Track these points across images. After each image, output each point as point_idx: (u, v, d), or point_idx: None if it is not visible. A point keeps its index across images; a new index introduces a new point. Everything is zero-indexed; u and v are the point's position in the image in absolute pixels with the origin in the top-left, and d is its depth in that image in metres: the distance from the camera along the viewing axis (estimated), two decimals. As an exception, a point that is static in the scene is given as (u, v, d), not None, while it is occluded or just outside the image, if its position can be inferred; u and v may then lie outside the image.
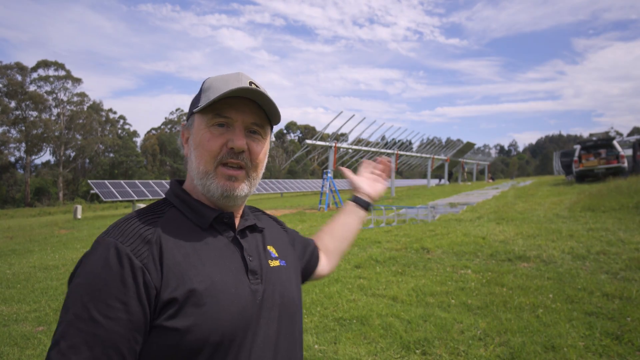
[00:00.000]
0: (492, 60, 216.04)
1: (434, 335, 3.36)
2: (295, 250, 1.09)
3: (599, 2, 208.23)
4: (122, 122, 65.64)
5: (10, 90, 48.42)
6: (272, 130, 0.99)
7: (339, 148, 19.58)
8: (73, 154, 55.38)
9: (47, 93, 51.83)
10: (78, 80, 53.97)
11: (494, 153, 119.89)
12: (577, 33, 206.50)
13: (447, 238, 7.03)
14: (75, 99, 53.96)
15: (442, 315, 3.77)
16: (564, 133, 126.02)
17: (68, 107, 53.41)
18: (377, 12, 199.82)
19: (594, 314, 3.59)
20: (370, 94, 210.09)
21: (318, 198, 16.72)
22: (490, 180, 41.53)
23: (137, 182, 24.70)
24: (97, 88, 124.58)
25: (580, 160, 16.68)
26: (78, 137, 54.19)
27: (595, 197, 10.42)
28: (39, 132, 49.86)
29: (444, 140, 40.50)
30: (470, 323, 3.57)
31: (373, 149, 22.36)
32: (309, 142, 18.52)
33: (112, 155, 59.57)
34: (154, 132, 70.58)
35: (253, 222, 0.97)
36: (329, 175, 16.55)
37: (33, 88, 50.85)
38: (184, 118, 1.00)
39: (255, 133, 0.91)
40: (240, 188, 0.88)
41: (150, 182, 25.50)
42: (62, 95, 53.09)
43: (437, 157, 30.97)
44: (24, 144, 49.97)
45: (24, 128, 49.38)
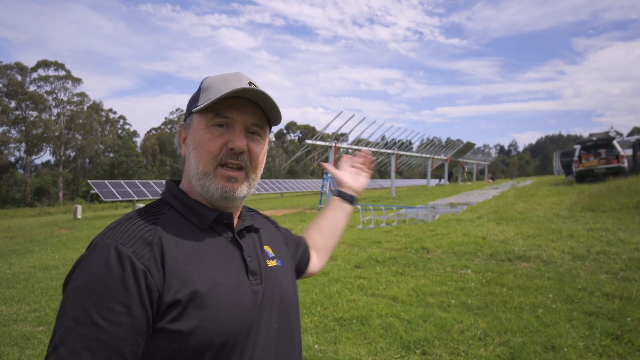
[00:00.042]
0: (492, 60, 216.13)
1: (434, 335, 3.36)
2: (289, 249, 1.10)
3: (599, 2, 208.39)
4: (122, 122, 65.70)
5: (10, 90, 48.39)
6: (270, 131, 0.99)
7: (339, 148, 19.56)
8: (73, 154, 55.36)
9: (47, 93, 51.83)
10: (78, 80, 53.99)
11: (494, 153, 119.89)
12: (577, 33, 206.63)
13: (447, 238, 7.03)
14: (75, 99, 53.95)
15: (442, 315, 3.77)
16: (564, 133, 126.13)
17: (68, 107, 53.40)
18: (377, 12, 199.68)
19: (594, 314, 3.59)
20: (370, 94, 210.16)
21: (318, 198, 16.72)
22: (490, 180, 41.51)
23: (137, 182, 24.72)
24: (97, 88, 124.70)
25: (580, 160, 16.68)
26: (78, 137, 54.17)
27: (595, 197, 10.42)
28: (39, 132, 49.85)
29: (444, 140, 40.51)
30: (470, 323, 3.57)
31: (373, 149, 22.34)
32: (309, 142, 18.52)
33: (112, 155, 59.59)
34: (154, 132, 70.59)
35: (250, 222, 0.97)
36: (329, 176, 16.54)
37: (33, 88, 50.86)
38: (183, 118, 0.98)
39: (255, 134, 0.90)
40: (240, 189, 0.88)
41: (150, 182, 25.53)
42: (62, 95, 53.11)
43: (437, 157, 30.95)
44: (24, 144, 49.95)
45: (24, 128, 49.37)
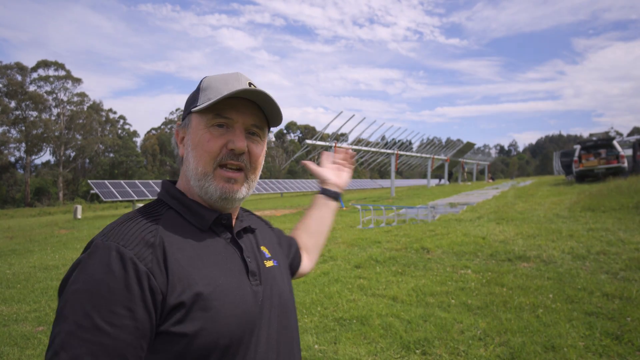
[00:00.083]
0: (492, 60, 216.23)
1: (434, 335, 3.36)
2: (282, 249, 1.10)
3: (599, 2, 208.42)
4: (122, 122, 65.72)
5: (10, 90, 48.40)
6: (269, 131, 0.99)
7: (339, 148, 19.52)
8: (73, 154, 55.37)
9: (47, 93, 51.84)
10: (78, 80, 53.99)
11: (494, 153, 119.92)
12: (577, 33, 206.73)
13: (447, 238, 7.03)
14: (75, 99, 53.96)
15: (442, 315, 3.77)
16: (564, 133, 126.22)
17: (68, 107, 53.41)
18: (377, 12, 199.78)
19: (594, 314, 3.59)
20: (370, 94, 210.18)
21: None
22: (490, 180, 41.49)
23: (137, 182, 24.74)
24: (97, 88, 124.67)
25: (580, 160, 16.68)
26: (78, 137, 54.18)
27: (595, 197, 10.41)
28: (39, 132, 49.86)
29: (444, 140, 40.48)
30: (470, 323, 3.57)
31: (373, 149, 22.34)
32: (309, 142, 18.51)
33: (112, 155, 59.61)
34: (154, 132, 70.55)
35: (248, 223, 0.97)
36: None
37: (33, 88, 50.88)
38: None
39: (255, 135, 0.90)
40: (239, 190, 0.88)
41: (150, 182, 25.53)
42: (62, 95, 53.13)
43: (437, 157, 30.92)
44: (24, 144, 49.97)
45: (24, 128, 49.38)
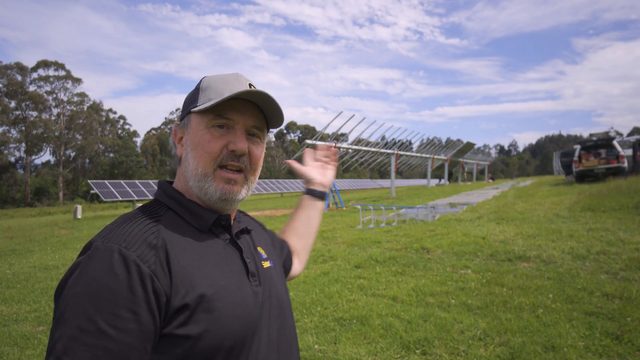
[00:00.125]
0: (492, 60, 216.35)
1: (434, 335, 3.36)
2: (276, 250, 1.11)
3: (599, 2, 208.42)
4: (122, 122, 65.73)
5: (10, 90, 48.38)
6: (269, 132, 0.99)
7: (339, 148, 19.56)
8: (73, 154, 55.36)
9: (47, 93, 51.83)
10: (78, 80, 53.99)
11: (494, 153, 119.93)
12: (577, 33, 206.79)
13: (447, 238, 7.03)
14: (75, 99, 53.96)
15: (442, 315, 3.77)
16: (564, 133, 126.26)
17: (68, 107, 53.39)
18: (377, 12, 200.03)
19: (594, 314, 3.59)
20: (370, 94, 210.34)
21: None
22: (490, 180, 41.48)
23: (137, 182, 24.74)
24: (97, 88, 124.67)
25: (580, 160, 16.68)
26: (78, 137, 54.17)
27: (595, 197, 10.41)
28: (39, 132, 49.84)
29: (444, 140, 40.49)
30: (470, 323, 3.57)
31: (373, 149, 22.33)
32: (309, 142, 18.50)
33: (112, 155, 59.61)
34: (154, 132, 70.54)
35: (245, 224, 0.98)
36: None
37: (33, 88, 50.87)
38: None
39: (255, 136, 0.90)
40: (239, 191, 0.88)
41: (150, 182, 25.54)
42: (62, 95, 53.11)
43: (437, 157, 30.92)
44: (24, 144, 49.95)
45: (24, 128, 49.37)
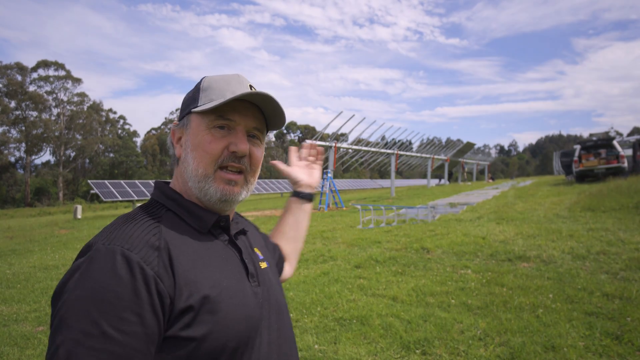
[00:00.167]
0: (492, 60, 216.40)
1: (434, 335, 3.36)
2: (270, 252, 1.11)
3: (599, 2, 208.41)
4: (122, 122, 65.69)
5: (10, 90, 48.36)
6: (268, 134, 1.00)
7: (339, 148, 19.55)
8: (73, 154, 55.35)
9: (47, 93, 51.80)
10: (78, 80, 53.95)
11: (494, 153, 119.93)
12: (577, 33, 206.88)
13: (447, 238, 7.03)
14: (75, 99, 53.91)
15: (442, 315, 3.77)
16: (564, 133, 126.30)
17: (68, 107, 53.36)
18: (377, 12, 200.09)
19: (594, 314, 3.59)
20: (370, 94, 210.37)
21: (318, 198, 16.70)
22: (490, 180, 41.48)
23: (137, 182, 24.73)
24: (97, 88, 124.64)
25: (580, 160, 16.68)
26: (78, 137, 54.15)
27: (595, 197, 10.41)
28: (39, 132, 49.82)
29: (444, 140, 40.50)
30: (470, 323, 3.57)
31: (373, 149, 22.34)
32: (309, 142, 18.50)
33: (112, 155, 59.60)
34: (154, 132, 70.48)
35: (242, 225, 0.98)
36: (329, 176, 16.55)
37: (33, 88, 50.83)
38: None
39: (255, 137, 0.91)
40: (239, 192, 0.88)
41: (150, 182, 25.53)
42: (62, 95, 53.08)
43: (437, 157, 30.93)
44: (24, 144, 49.94)
45: (24, 128, 49.34)
